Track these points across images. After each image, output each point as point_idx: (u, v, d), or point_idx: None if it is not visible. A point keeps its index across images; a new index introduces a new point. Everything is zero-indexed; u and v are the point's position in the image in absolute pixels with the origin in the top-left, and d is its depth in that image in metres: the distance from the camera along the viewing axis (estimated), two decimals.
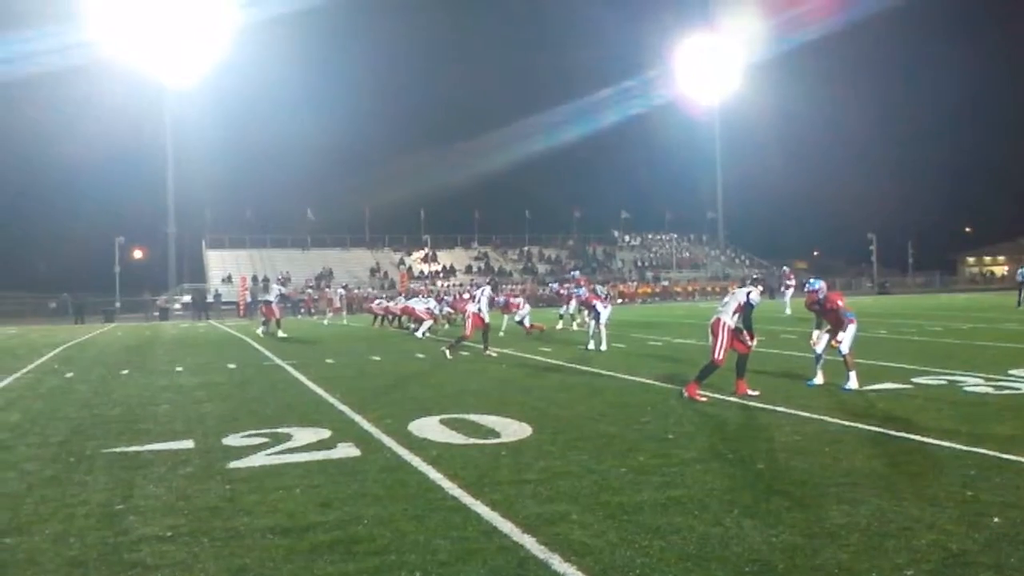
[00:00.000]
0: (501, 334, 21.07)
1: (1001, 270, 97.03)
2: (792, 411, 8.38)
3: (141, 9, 53.36)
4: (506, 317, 22.65)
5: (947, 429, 7.27)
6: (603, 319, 16.83)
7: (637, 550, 4.32)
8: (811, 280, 10.75)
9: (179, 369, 14.73)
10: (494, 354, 15.69)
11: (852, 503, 5.06)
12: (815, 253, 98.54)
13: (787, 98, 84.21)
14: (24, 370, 15.37)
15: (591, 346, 16.56)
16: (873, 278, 74.44)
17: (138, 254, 67.96)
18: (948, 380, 10.50)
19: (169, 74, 57.45)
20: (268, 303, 24.62)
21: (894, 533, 4.50)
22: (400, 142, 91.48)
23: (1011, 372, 11.14)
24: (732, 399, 9.27)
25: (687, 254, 79.61)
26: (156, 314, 47.43)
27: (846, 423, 7.67)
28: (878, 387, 9.97)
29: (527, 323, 21.60)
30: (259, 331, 24.59)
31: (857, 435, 7.16)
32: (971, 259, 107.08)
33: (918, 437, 6.98)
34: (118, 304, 50.98)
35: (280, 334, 23.22)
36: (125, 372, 14.48)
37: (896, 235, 77.81)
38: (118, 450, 7.30)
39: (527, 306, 22.67)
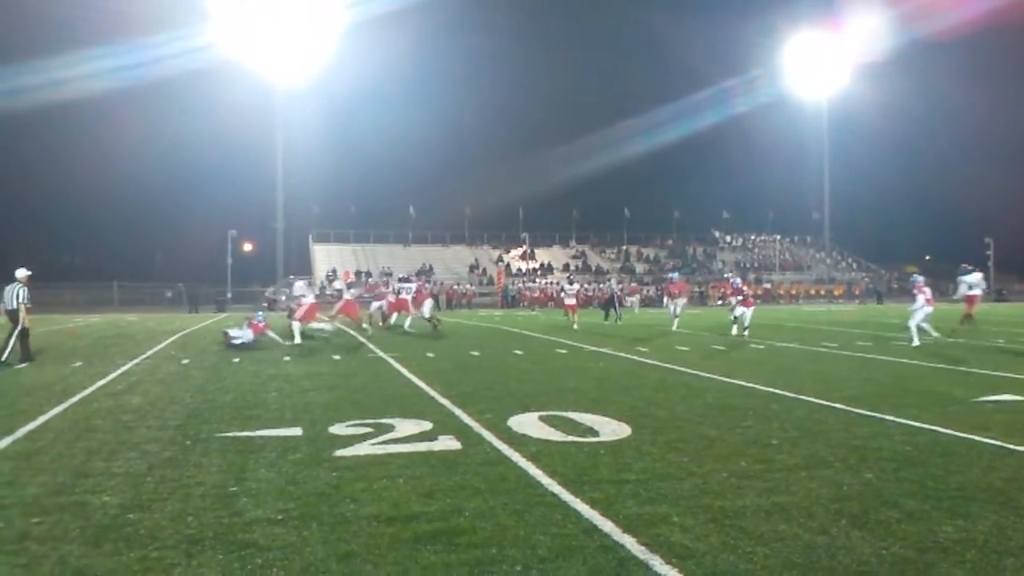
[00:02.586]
0: (365, 327, 22.24)
1: None
2: (902, 420, 8.08)
3: (254, 12, 55.36)
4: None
5: None
6: (926, 313, 18.02)
7: (740, 555, 4.26)
8: None
9: (286, 359, 15.23)
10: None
11: (967, 518, 4.86)
12: (927, 257, 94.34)
13: (899, 95, 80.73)
14: (144, 356, 16.18)
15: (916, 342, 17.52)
16: (990, 284, 70.87)
17: (248, 247, 70.53)
18: None
19: (280, 75, 59.45)
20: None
21: (1014, 551, 4.30)
22: (501, 141, 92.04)
23: None
24: (837, 405, 9.01)
25: (790, 256, 77.56)
26: (265, 305, 49.11)
27: (960, 435, 7.35)
28: (995, 398, 9.51)
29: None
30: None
31: (972, 447, 6.86)
32: None
33: None
34: (229, 295, 53.11)
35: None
36: (236, 360, 15.07)
37: (1015, 239, 73.67)
38: (231, 435, 7.62)
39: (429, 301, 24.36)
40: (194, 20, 54.87)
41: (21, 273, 15.23)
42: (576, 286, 31.18)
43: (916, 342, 17.33)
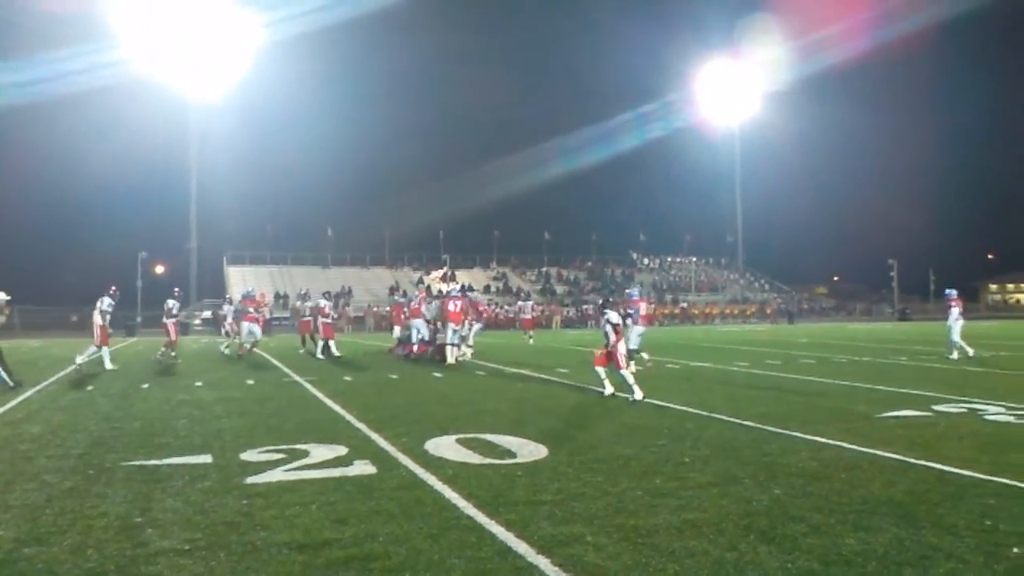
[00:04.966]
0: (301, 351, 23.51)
1: None
2: (809, 436, 8.33)
3: (167, 25, 54.20)
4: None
5: (967, 457, 7.20)
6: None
7: (651, 573, 4.31)
8: None
9: (198, 384, 14.83)
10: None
11: (869, 530, 5.03)
12: (835, 278, 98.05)
13: (808, 122, 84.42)
14: (46, 382, 15.51)
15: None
16: (894, 304, 73.91)
17: (160, 269, 68.53)
18: (968, 408, 10.40)
19: (194, 89, 58.19)
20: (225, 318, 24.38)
21: (912, 562, 4.46)
22: (421, 162, 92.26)
23: None
24: (748, 423, 9.23)
25: (705, 277, 79.37)
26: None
27: (864, 449, 7.62)
28: (897, 414, 9.89)
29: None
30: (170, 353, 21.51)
31: (874, 462, 7.11)
32: (993, 286, 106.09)
33: (937, 465, 6.91)
34: (139, 319, 51.38)
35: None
36: (145, 386, 14.59)
37: (917, 261, 77.21)
38: (137, 463, 7.36)
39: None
40: (103, 35, 53.34)
41: None
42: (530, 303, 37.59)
43: (955, 356, 18.92)
